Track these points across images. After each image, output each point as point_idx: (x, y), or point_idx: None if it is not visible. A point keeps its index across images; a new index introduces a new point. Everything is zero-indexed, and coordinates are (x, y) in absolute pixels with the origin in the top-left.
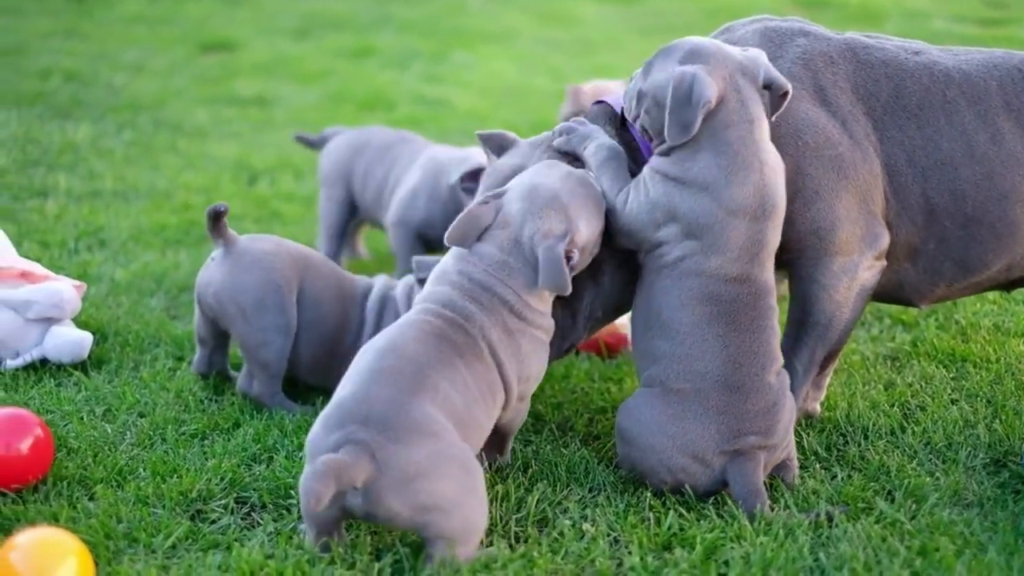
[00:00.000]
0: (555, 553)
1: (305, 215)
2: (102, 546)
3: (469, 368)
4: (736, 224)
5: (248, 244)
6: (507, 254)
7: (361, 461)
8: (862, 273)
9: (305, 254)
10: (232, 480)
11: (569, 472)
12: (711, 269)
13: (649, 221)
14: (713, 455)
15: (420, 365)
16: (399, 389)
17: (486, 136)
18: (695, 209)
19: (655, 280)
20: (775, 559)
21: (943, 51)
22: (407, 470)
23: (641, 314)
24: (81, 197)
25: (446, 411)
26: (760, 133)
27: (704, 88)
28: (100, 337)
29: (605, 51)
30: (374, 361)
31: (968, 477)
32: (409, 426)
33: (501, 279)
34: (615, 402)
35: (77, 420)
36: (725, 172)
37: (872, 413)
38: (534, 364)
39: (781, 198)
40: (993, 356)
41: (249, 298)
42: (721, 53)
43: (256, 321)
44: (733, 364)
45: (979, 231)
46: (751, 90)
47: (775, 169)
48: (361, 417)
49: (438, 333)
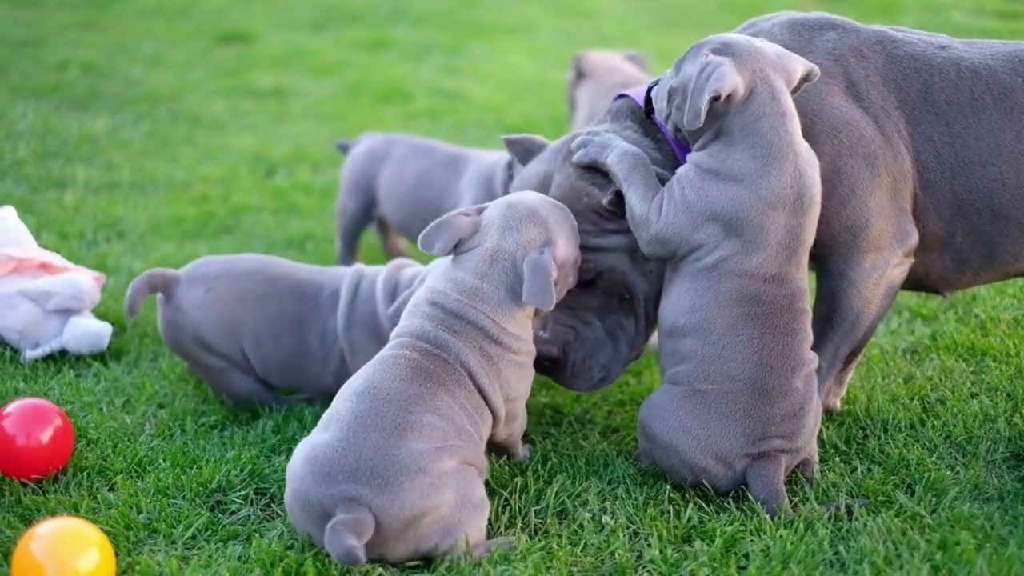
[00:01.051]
0: (575, 545)
1: (322, 207)
2: (122, 536)
3: (451, 395)
4: (775, 217)
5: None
6: (480, 278)
7: (366, 519)
8: (891, 270)
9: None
10: (252, 471)
11: (588, 465)
12: (751, 268)
13: (688, 223)
14: (737, 457)
15: (401, 404)
16: (383, 434)
17: (512, 140)
18: (734, 203)
19: (690, 282)
20: (795, 552)
21: (967, 45)
22: (404, 517)
23: (670, 313)
24: (99, 189)
25: (433, 437)
26: (792, 125)
27: (719, 78)
28: (119, 328)
29: (623, 44)
30: (356, 405)
31: (988, 471)
32: (399, 470)
33: (474, 306)
34: (634, 395)
35: (97, 411)
36: (761, 162)
37: (892, 407)
38: (517, 386)
39: (818, 191)
40: (1013, 350)
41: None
42: (752, 47)
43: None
44: (764, 367)
45: (1007, 226)
46: (782, 84)
47: (809, 162)
48: (351, 469)
49: (415, 367)
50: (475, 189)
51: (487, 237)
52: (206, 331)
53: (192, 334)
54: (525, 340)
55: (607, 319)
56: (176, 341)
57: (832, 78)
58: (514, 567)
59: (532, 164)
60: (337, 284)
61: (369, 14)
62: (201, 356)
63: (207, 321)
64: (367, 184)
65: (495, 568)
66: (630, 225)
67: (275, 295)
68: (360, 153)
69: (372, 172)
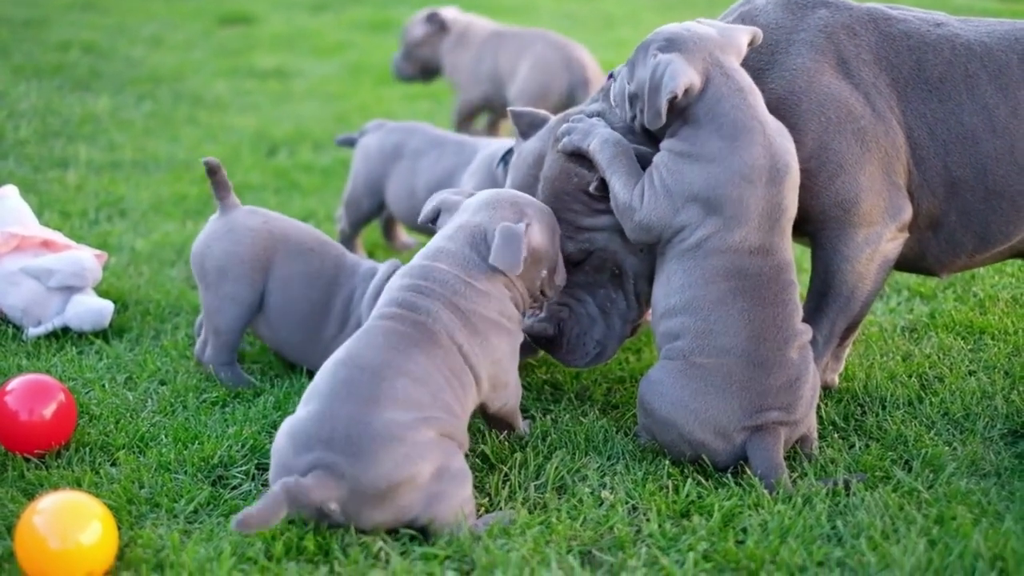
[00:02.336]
0: (574, 520)
1: (324, 186)
2: (124, 510)
3: (428, 355)
4: (752, 190)
5: (234, 214)
6: (445, 240)
7: (328, 484)
8: (884, 245)
9: (287, 236)
10: (253, 447)
11: (588, 440)
12: (735, 243)
13: (669, 207)
14: (735, 430)
15: (375, 371)
16: (358, 403)
17: (518, 113)
18: (710, 182)
19: (677, 263)
20: (793, 527)
21: (964, 23)
22: (379, 484)
23: (662, 291)
24: (101, 168)
25: (410, 406)
26: (753, 99)
27: (672, 76)
28: (121, 306)
29: (624, 25)
30: (332, 375)
31: (985, 447)
32: (373, 438)
33: (437, 264)
34: (633, 372)
35: (99, 387)
36: (729, 140)
37: (890, 384)
38: (499, 346)
39: (792, 158)
40: (1011, 328)
41: (213, 264)
42: (695, 35)
43: (215, 287)
44: (756, 339)
45: (1000, 204)
46: (734, 61)
47: (778, 131)
48: (326, 438)
49: (388, 331)
50: (477, 177)
51: (463, 213)
52: (242, 255)
53: (227, 254)
54: (497, 298)
55: (598, 295)
56: (207, 257)
57: (823, 55)
58: (513, 541)
59: (530, 141)
60: (375, 265)
61: None
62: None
63: (250, 246)
64: (382, 181)
65: (495, 542)
66: (615, 213)
67: (321, 252)
68: (374, 149)
69: (387, 170)
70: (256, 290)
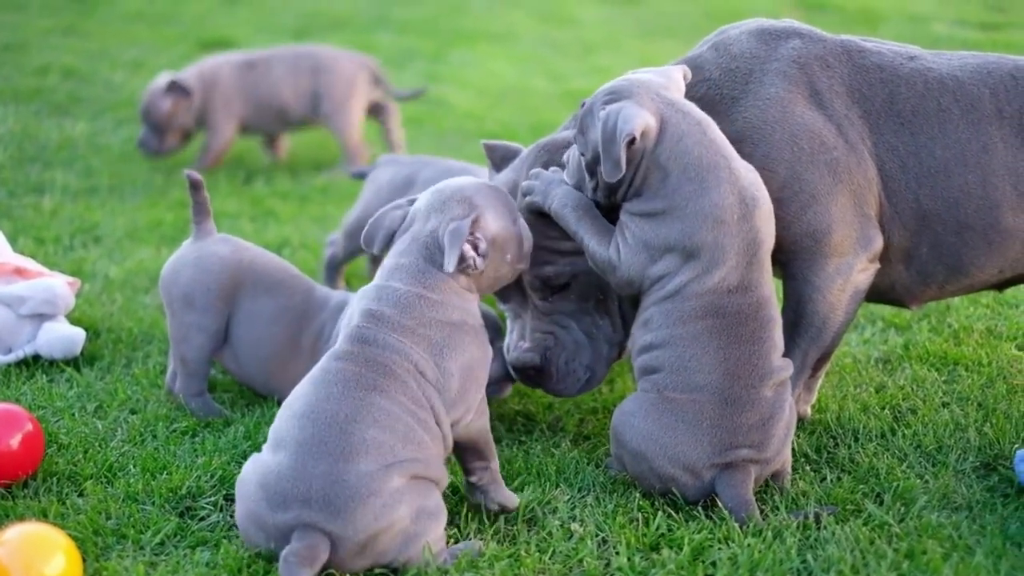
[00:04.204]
0: (543, 552)
1: (300, 213)
2: (90, 542)
3: (387, 396)
4: (727, 230)
5: (205, 241)
6: (399, 256)
7: (320, 544)
8: (856, 275)
9: (256, 268)
10: (222, 477)
11: (559, 472)
12: (714, 285)
13: (646, 259)
14: (704, 467)
15: (341, 426)
16: (329, 459)
17: (491, 146)
18: (685, 231)
19: (656, 307)
20: (762, 560)
21: (937, 56)
22: (360, 539)
23: (639, 335)
24: (77, 194)
25: (381, 454)
26: (713, 132)
27: (627, 120)
28: (93, 334)
29: (605, 52)
30: (299, 432)
31: (957, 480)
32: (350, 495)
33: (389, 283)
34: (606, 403)
35: (68, 416)
36: (697, 182)
37: (863, 415)
38: (466, 350)
39: (760, 189)
40: (985, 359)
41: (180, 291)
42: (636, 82)
43: (180, 315)
44: (731, 376)
45: (971, 237)
46: (681, 97)
47: (744, 165)
48: (303, 497)
49: (343, 377)
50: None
51: (415, 224)
52: (208, 283)
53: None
54: (459, 301)
55: (583, 321)
56: (173, 283)
57: (796, 85)
58: (481, 574)
59: (504, 172)
60: (345, 297)
61: (353, 21)
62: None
63: (217, 274)
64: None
65: (462, 575)
66: (596, 270)
67: (289, 287)
68: (385, 181)
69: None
70: (222, 319)
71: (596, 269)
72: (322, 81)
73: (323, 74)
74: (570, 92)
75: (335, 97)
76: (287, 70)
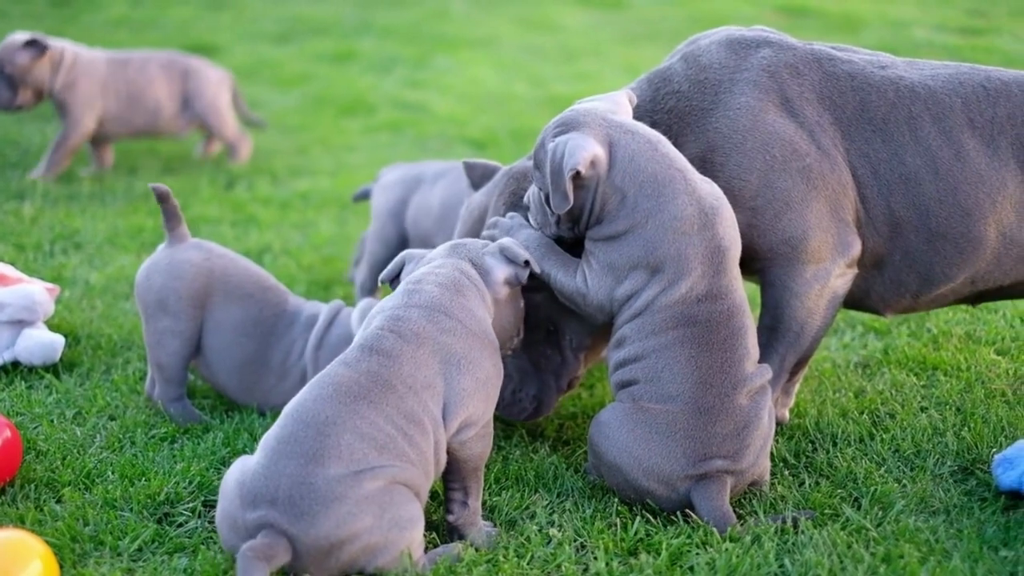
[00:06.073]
0: (521, 558)
1: (281, 219)
2: (68, 548)
3: (376, 407)
4: (688, 240)
5: (179, 247)
6: (433, 269)
7: (280, 544)
8: (833, 280)
9: (228, 277)
10: (200, 483)
11: (538, 478)
12: (682, 295)
13: (614, 281)
14: (678, 479)
15: (319, 427)
16: (300, 461)
17: (471, 165)
18: (647, 246)
19: (627, 323)
20: (740, 565)
21: (909, 65)
22: (321, 545)
23: (614, 353)
24: (58, 200)
25: (354, 461)
26: (665, 147)
27: (571, 153)
28: (72, 340)
29: (588, 58)
30: (279, 430)
31: (935, 484)
32: (315, 499)
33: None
34: (585, 408)
35: (47, 423)
36: (655, 198)
37: (842, 420)
38: (481, 365)
39: (718, 198)
40: (964, 364)
41: (153, 297)
42: (583, 111)
43: (154, 320)
44: (703, 385)
45: (943, 245)
46: (629, 119)
47: (694, 171)
48: (271, 497)
49: (340, 381)
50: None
51: (431, 263)
52: (180, 289)
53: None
54: (480, 319)
55: (532, 351)
56: (147, 289)
57: (766, 94)
58: None
59: (477, 194)
60: (317, 312)
61: (335, 26)
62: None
63: (189, 281)
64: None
65: None
66: (567, 303)
67: (260, 299)
68: (395, 179)
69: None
70: (196, 324)
71: (567, 302)
72: (192, 84)
73: (193, 78)
74: (552, 98)
75: (207, 95)
76: (160, 69)
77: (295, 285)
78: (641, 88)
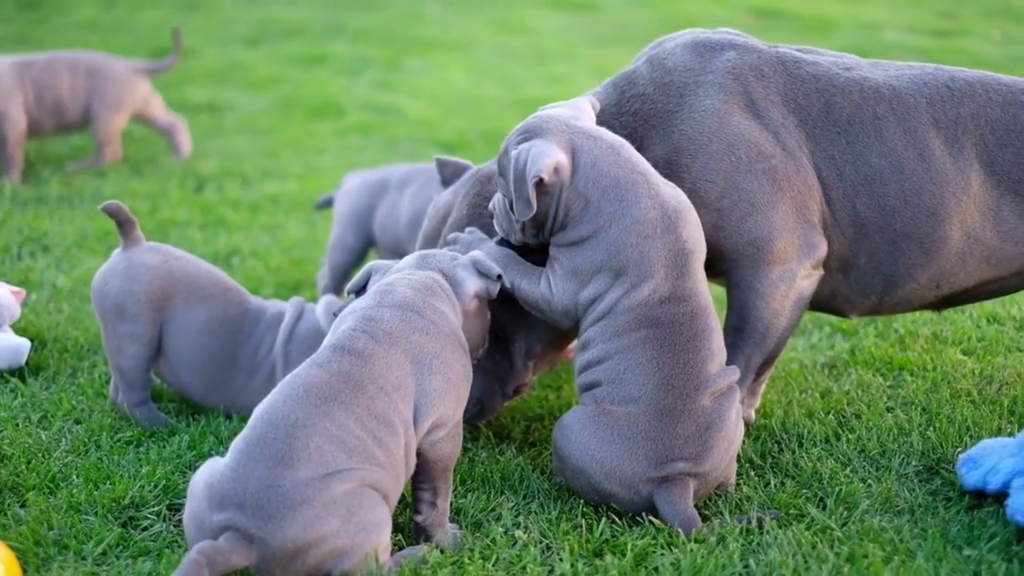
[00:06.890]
0: (486, 560)
1: (251, 222)
2: (31, 553)
3: (347, 408)
4: (652, 243)
5: (134, 250)
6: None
7: (239, 547)
8: (799, 281)
9: (188, 279)
10: (166, 487)
11: (504, 479)
12: (644, 297)
13: (578, 285)
14: (640, 481)
15: (288, 429)
16: (268, 463)
17: (443, 162)
18: (611, 249)
19: (591, 326)
20: (705, 565)
21: (874, 66)
22: (287, 548)
23: (579, 356)
24: (26, 202)
25: (322, 464)
26: (627, 152)
27: (534, 160)
28: (39, 343)
29: (560, 61)
30: (249, 431)
31: (900, 484)
32: (283, 502)
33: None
34: (552, 410)
35: (12, 426)
36: (618, 202)
37: (808, 421)
38: (452, 366)
39: (681, 201)
40: (930, 364)
41: (111, 302)
42: (546, 118)
43: (113, 325)
44: (665, 386)
45: (908, 246)
46: (592, 124)
47: (657, 176)
48: (238, 500)
49: (311, 382)
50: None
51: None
52: (138, 293)
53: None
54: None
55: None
56: (104, 295)
57: (731, 96)
58: None
59: (445, 193)
60: (282, 309)
61: (307, 29)
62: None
63: (147, 284)
64: (368, 219)
65: None
66: (532, 311)
67: (223, 300)
68: (357, 185)
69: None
70: (155, 327)
71: (532, 310)
72: (96, 82)
73: (98, 76)
74: (523, 99)
75: (107, 96)
76: (66, 69)
77: (263, 287)
78: (606, 91)
